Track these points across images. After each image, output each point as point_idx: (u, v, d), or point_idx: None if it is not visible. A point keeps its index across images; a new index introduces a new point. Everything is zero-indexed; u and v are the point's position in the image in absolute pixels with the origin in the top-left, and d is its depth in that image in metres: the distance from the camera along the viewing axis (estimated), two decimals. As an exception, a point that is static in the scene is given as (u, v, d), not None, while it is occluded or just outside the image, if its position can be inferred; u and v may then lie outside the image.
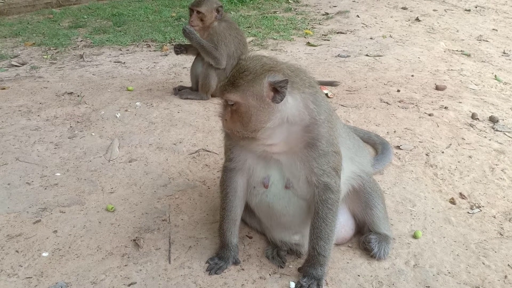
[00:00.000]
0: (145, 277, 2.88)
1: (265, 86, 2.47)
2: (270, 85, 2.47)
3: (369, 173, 3.13)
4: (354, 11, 10.05)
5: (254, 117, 2.51)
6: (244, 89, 2.48)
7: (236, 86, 2.50)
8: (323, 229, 2.75)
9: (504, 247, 3.20)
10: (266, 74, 2.48)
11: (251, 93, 2.48)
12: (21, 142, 4.48)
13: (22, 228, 3.31)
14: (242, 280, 2.88)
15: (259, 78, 2.48)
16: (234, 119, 2.57)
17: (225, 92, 2.54)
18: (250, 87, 2.48)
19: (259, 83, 2.47)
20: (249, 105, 2.50)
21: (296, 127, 2.60)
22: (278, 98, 2.47)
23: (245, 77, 2.49)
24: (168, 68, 6.64)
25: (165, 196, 3.71)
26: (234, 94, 2.50)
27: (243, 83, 2.48)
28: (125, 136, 4.63)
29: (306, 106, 2.59)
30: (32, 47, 7.65)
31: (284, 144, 2.64)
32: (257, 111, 2.50)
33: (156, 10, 10.32)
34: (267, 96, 2.48)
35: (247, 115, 2.51)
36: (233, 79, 2.53)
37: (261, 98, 2.48)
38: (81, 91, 5.73)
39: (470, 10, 10.53)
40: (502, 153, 4.39)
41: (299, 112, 2.57)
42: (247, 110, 2.51)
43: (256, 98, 2.48)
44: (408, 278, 2.90)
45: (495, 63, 7.08)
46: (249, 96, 2.48)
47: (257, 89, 2.47)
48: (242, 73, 2.51)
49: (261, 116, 2.51)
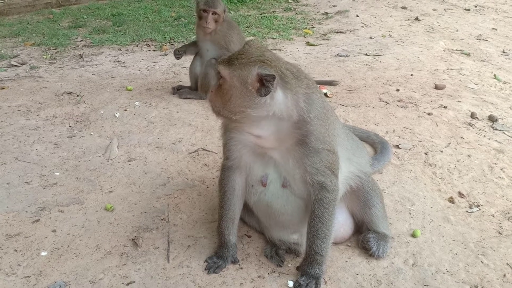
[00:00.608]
0: (144, 276, 2.88)
1: (252, 74, 2.48)
2: (258, 75, 2.47)
3: (367, 173, 3.12)
4: (354, 11, 10.06)
5: (233, 99, 2.53)
6: (234, 69, 2.52)
7: (229, 64, 2.54)
8: (319, 228, 2.75)
9: (503, 246, 3.20)
10: (258, 64, 2.49)
11: (237, 75, 2.51)
12: (20, 142, 4.49)
13: (21, 227, 3.31)
14: (241, 279, 2.88)
15: (249, 65, 2.50)
16: (218, 94, 2.62)
17: (220, 65, 2.59)
18: (238, 70, 2.51)
19: (248, 69, 2.49)
20: (232, 85, 2.53)
21: (285, 122, 2.60)
22: (263, 92, 2.47)
23: (240, 59, 2.53)
24: (167, 68, 6.64)
25: (164, 195, 3.71)
26: (224, 69, 2.55)
27: (236, 63, 2.52)
28: (124, 136, 4.63)
29: (295, 104, 2.57)
30: (32, 47, 7.66)
31: (275, 139, 2.64)
32: (238, 95, 2.52)
33: (155, 10, 10.32)
34: (251, 85, 2.48)
35: (227, 93, 2.55)
36: (232, 57, 2.59)
37: (245, 84, 2.49)
38: (81, 90, 5.73)
39: (469, 10, 10.53)
40: (501, 152, 4.39)
41: (287, 109, 2.56)
42: (229, 89, 2.54)
43: (240, 82, 2.51)
44: (406, 277, 2.90)
45: (494, 62, 7.08)
46: (235, 77, 2.51)
47: (244, 74, 2.49)
48: (240, 55, 2.56)
49: (240, 101, 2.52)
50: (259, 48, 2.62)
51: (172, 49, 7.41)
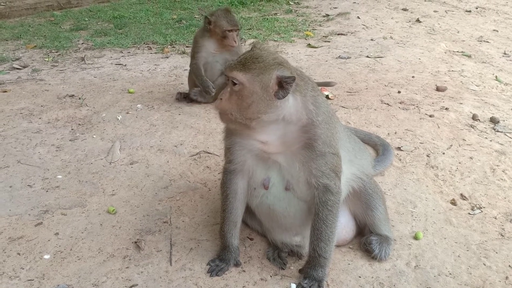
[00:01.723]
0: (147, 279, 2.89)
1: (273, 77, 2.48)
2: (278, 78, 2.47)
3: (369, 174, 3.13)
4: (355, 13, 10.07)
5: (254, 105, 2.50)
6: (254, 74, 2.48)
7: (247, 68, 2.50)
8: (323, 230, 2.75)
9: (505, 248, 3.20)
10: (277, 67, 2.50)
11: (259, 80, 2.48)
12: (23, 145, 4.50)
13: (23, 230, 3.32)
14: (243, 282, 2.89)
15: (270, 68, 2.49)
16: (232, 101, 2.56)
17: (234, 71, 2.52)
18: (260, 74, 2.48)
19: (269, 72, 2.48)
20: (253, 91, 2.49)
21: (293, 126, 2.61)
22: (281, 94, 2.48)
23: (257, 63, 2.50)
24: (169, 70, 6.66)
25: (166, 198, 3.72)
26: (242, 75, 2.49)
27: (255, 67, 2.49)
28: (126, 139, 4.64)
29: (305, 107, 2.60)
30: (34, 49, 7.68)
31: (281, 143, 2.65)
32: (258, 100, 2.49)
33: (157, 13, 10.35)
34: (272, 88, 2.49)
35: (247, 100, 2.51)
36: (245, 61, 2.53)
37: (266, 88, 2.48)
38: (82, 93, 5.75)
39: (470, 11, 10.53)
40: (503, 154, 4.39)
41: (296, 112, 2.58)
42: (250, 95, 2.50)
43: (261, 87, 2.48)
44: (409, 279, 2.90)
45: (495, 64, 7.08)
46: (256, 82, 2.48)
47: (266, 78, 2.48)
48: (255, 59, 2.53)
49: (259, 106, 2.50)
50: (269, 51, 2.63)
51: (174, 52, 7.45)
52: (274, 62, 2.53)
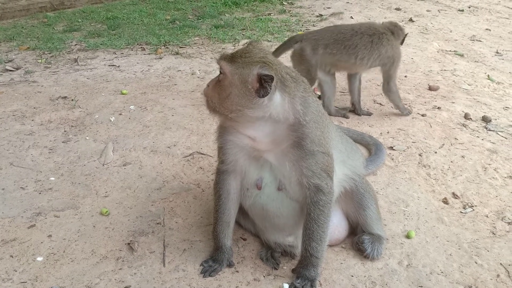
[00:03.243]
0: (140, 281, 2.89)
1: (252, 73, 2.51)
2: (258, 75, 2.50)
3: (361, 175, 3.15)
4: (348, 13, 10.08)
5: (231, 96, 2.56)
6: (236, 66, 2.54)
7: (232, 60, 2.57)
8: (315, 230, 2.76)
9: (496, 246, 3.23)
10: (259, 65, 2.52)
11: (239, 73, 2.53)
12: (15, 147, 4.48)
13: (16, 233, 3.32)
14: (236, 282, 2.89)
15: (251, 64, 2.53)
16: (215, 89, 2.64)
17: (222, 60, 2.61)
18: (240, 67, 2.54)
19: (249, 68, 2.52)
20: (232, 82, 2.55)
21: (281, 125, 2.63)
22: (261, 93, 2.50)
23: (243, 57, 2.56)
24: (162, 71, 6.65)
25: (160, 199, 3.72)
26: (226, 65, 2.57)
27: (239, 61, 2.55)
28: (119, 140, 4.64)
29: (292, 107, 2.61)
30: (27, 51, 7.64)
31: (270, 141, 2.66)
32: (236, 92, 2.54)
33: (150, 13, 10.32)
34: (250, 84, 2.51)
35: (226, 90, 2.57)
36: (235, 54, 2.62)
37: (245, 83, 2.52)
38: (75, 95, 5.73)
39: (463, 10, 10.58)
40: (494, 152, 4.42)
41: (284, 111, 2.60)
42: (229, 86, 2.57)
43: (240, 80, 2.53)
44: (401, 278, 2.92)
45: (488, 63, 7.12)
46: (236, 75, 2.54)
47: (245, 73, 2.52)
48: (244, 53, 2.59)
49: (238, 99, 2.55)
50: (262, 49, 2.67)
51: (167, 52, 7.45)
52: (259, 60, 2.56)
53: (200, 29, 8.88)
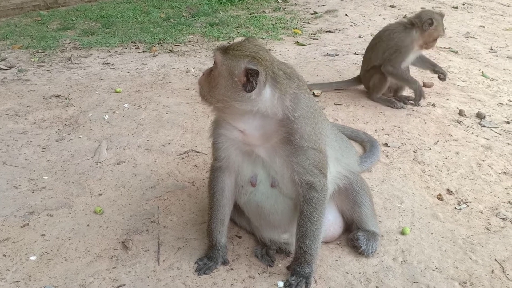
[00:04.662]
0: (134, 279, 2.88)
1: (240, 67, 2.51)
2: (245, 70, 2.50)
3: (356, 172, 3.14)
4: (343, 10, 10.08)
5: (219, 87, 2.59)
6: (226, 58, 2.57)
7: (225, 52, 2.59)
8: (308, 227, 2.76)
9: (491, 242, 3.23)
10: (247, 59, 2.52)
11: (227, 64, 2.55)
12: (8, 146, 4.45)
13: (9, 232, 3.29)
14: (231, 280, 2.89)
15: (240, 57, 2.54)
16: (208, 78, 2.68)
17: (217, 50, 2.64)
18: (230, 59, 2.55)
19: (237, 61, 2.53)
20: (220, 73, 2.58)
21: (270, 119, 2.62)
22: (247, 88, 2.51)
23: (235, 50, 2.58)
24: (156, 69, 6.62)
25: (154, 198, 3.70)
26: (218, 55, 2.60)
27: (230, 53, 2.57)
28: (113, 138, 4.61)
29: (281, 103, 2.60)
30: (20, 50, 7.59)
31: (260, 135, 2.66)
32: (223, 83, 2.57)
33: (144, 11, 10.27)
34: (237, 77, 2.52)
35: (215, 80, 2.61)
36: (229, 46, 2.64)
37: (231, 75, 2.54)
38: (69, 93, 5.70)
39: (457, 7, 10.60)
40: (489, 149, 4.43)
41: (272, 106, 2.59)
42: (217, 76, 2.60)
43: (227, 72, 2.55)
44: (396, 274, 2.92)
45: (482, 59, 7.13)
46: (225, 66, 2.56)
47: (233, 65, 2.54)
48: (237, 46, 2.61)
49: (224, 90, 2.57)
50: (257, 45, 2.66)
51: (162, 50, 7.42)
52: (248, 54, 2.55)
53: (195, 27, 8.85)
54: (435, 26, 5.25)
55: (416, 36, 5.28)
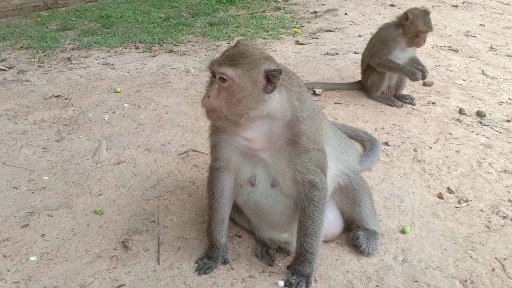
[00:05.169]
0: (134, 279, 2.87)
1: (261, 72, 2.49)
2: (265, 72, 2.48)
3: (355, 170, 3.14)
4: (343, 9, 10.08)
5: (244, 101, 2.48)
6: (244, 69, 2.47)
7: (236, 64, 2.47)
8: (310, 226, 2.75)
9: (491, 240, 3.23)
10: (264, 62, 2.51)
11: (249, 75, 2.47)
12: (8, 146, 4.45)
13: (9, 232, 3.29)
14: (232, 279, 2.88)
15: (258, 62, 2.50)
16: (221, 98, 2.50)
17: (223, 66, 2.48)
18: (250, 69, 2.47)
19: (258, 67, 2.49)
20: (244, 86, 2.48)
21: (278, 122, 2.61)
22: (269, 88, 2.49)
23: (245, 57, 2.50)
24: (156, 69, 6.62)
25: (154, 198, 3.70)
26: (233, 70, 2.47)
27: (244, 62, 2.48)
28: (113, 138, 4.61)
29: (290, 102, 2.61)
30: (20, 50, 7.59)
31: (265, 140, 2.64)
32: (248, 95, 2.48)
33: (144, 11, 10.27)
34: (260, 83, 2.49)
35: (237, 96, 2.48)
36: (232, 56, 2.50)
37: (256, 83, 2.48)
38: (69, 93, 5.69)
39: (457, 6, 10.59)
40: (489, 147, 4.42)
41: (282, 107, 2.58)
42: (240, 91, 2.48)
43: (251, 82, 2.48)
44: (396, 273, 2.92)
45: (482, 58, 7.13)
46: (246, 77, 2.47)
47: (255, 73, 2.48)
48: (243, 53, 2.51)
49: (249, 102, 2.49)
50: (254, 46, 2.65)
51: (161, 50, 7.41)
52: (262, 57, 2.54)
53: (195, 27, 8.84)
54: (411, 20, 5.26)
55: (401, 32, 5.33)
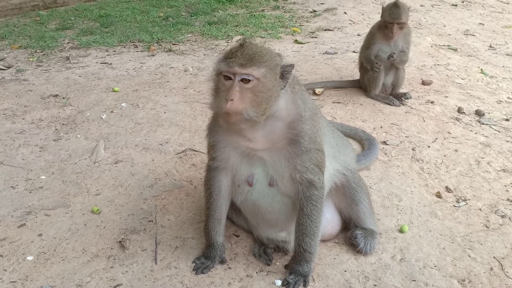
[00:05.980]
0: (131, 279, 2.86)
1: (279, 68, 2.50)
2: (281, 68, 2.49)
3: (353, 169, 3.13)
4: (342, 8, 10.07)
5: (271, 98, 2.49)
6: (267, 67, 2.46)
7: (258, 63, 2.44)
8: (308, 225, 2.75)
9: (489, 239, 3.22)
10: (279, 58, 2.52)
11: (271, 73, 2.48)
12: (6, 146, 4.44)
13: (6, 232, 3.28)
14: (229, 279, 2.88)
15: (276, 59, 2.50)
16: (245, 99, 2.44)
17: (247, 67, 2.43)
18: (271, 67, 2.47)
19: (276, 64, 2.49)
20: (268, 84, 2.47)
21: (281, 123, 2.61)
22: (283, 84, 2.50)
23: (264, 56, 2.48)
24: (155, 68, 6.61)
25: (152, 197, 3.69)
26: (258, 70, 2.43)
27: (265, 60, 2.46)
28: (110, 138, 4.60)
29: (294, 101, 2.62)
30: (19, 50, 7.58)
31: (267, 140, 2.64)
32: (273, 92, 2.49)
33: (143, 11, 10.26)
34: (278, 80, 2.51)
35: (263, 95, 2.46)
36: (251, 57, 2.45)
37: (276, 80, 2.50)
38: (67, 93, 5.68)
39: (457, 5, 10.58)
40: (487, 146, 4.42)
41: (286, 106, 2.59)
42: (266, 90, 2.47)
43: (274, 79, 2.49)
44: (394, 272, 2.91)
45: (481, 57, 7.12)
46: (269, 75, 2.47)
47: (276, 71, 2.49)
48: (259, 52, 2.49)
49: (274, 97, 2.51)
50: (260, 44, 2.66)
51: (160, 50, 7.40)
52: (276, 54, 2.56)
53: (193, 26, 8.83)
54: (381, 13, 5.32)
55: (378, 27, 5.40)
